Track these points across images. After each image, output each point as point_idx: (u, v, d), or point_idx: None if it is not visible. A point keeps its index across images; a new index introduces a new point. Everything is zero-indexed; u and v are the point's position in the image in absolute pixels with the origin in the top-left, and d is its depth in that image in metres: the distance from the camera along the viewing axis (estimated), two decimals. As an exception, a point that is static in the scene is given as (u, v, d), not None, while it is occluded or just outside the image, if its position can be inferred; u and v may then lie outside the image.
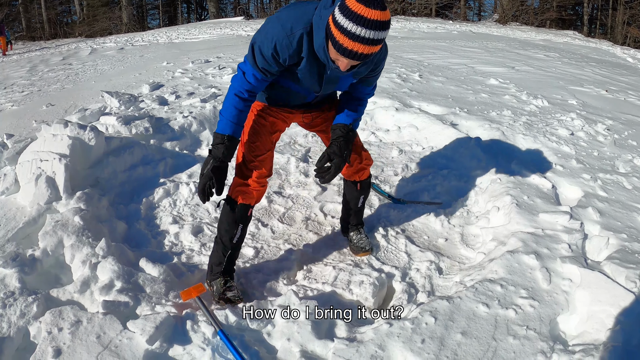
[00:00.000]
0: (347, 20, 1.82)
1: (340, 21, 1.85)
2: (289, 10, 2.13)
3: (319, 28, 2.03)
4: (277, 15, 2.14)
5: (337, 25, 1.86)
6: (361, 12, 1.80)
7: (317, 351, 2.16)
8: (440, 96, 6.44)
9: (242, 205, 2.54)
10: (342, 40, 1.87)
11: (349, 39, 1.86)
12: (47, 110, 6.27)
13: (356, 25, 1.82)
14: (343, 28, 1.85)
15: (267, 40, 2.11)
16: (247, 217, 2.60)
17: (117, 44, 16.63)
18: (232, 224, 2.55)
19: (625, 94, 7.75)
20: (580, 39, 21.11)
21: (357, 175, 2.90)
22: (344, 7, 1.84)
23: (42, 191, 3.12)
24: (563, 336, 2.27)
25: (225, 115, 2.28)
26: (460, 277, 2.76)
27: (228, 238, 2.57)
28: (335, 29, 1.88)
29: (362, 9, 1.80)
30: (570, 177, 3.86)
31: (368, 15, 1.81)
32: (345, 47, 1.89)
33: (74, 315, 2.15)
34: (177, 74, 8.11)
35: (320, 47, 2.06)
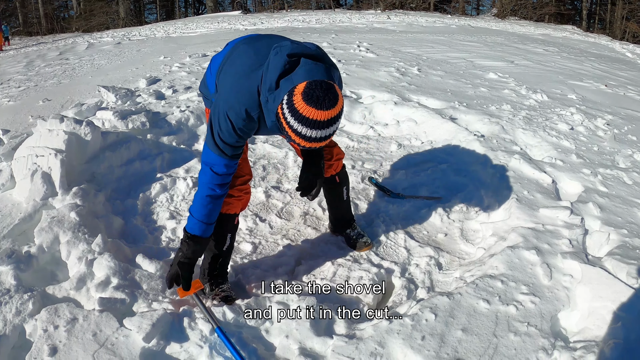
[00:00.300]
0: (298, 123, 1.77)
1: (291, 123, 1.79)
2: (235, 94, 2.05)
3: (268, 111, 1.98)
4: (225, 99, 2.07)
5: (288, 125, 1.81)
6: (310, 116, 1.75)
7: (316, 348, 2.13)
8: (439, 90, 6.41)
9: (227, 215, 2.49)
10: (295, 138, 1.83)
11: (300, 139, 1.82)
12: (43, 106, 6.23)
13: (306, 127, 1.77)
14: (295, 130, 1.80)
15: (230, 130, 2.07)
16: (234, 226, 2.57)
17: (114, 39, 16.54)
18: (219, 234, 2.50)
19: (625, 88, 7.73)
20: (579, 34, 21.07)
21: (332, 169, 2.84)
22: (293, 109, 1.77)
23: (38, 187, 3.09)
24: (564, 332, 2.25)
25: (196, 216, 2.24)
26: (460, 272, 2.73)
27: (218, 248, 2.54)
28: (286, 126, 1.82)
29: (312, 112, 1.74)
30: (571, 172, 3.84)
31: (318, 118, 1.75)
32: (300, 144, 1.86)
33: (70, 313, 2.12)
34: (174, 68, 8.07)
35: (275, 127, 2.04)
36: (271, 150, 4.39)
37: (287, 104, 1.78)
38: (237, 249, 3.00)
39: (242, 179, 2.50)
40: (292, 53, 1.88)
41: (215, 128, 2.10)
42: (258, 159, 4.25)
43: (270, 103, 1.91)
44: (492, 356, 2.02)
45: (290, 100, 1.76)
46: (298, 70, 1.84)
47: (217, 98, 2.14)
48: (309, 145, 1.84)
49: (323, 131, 1.79)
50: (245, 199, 2.55)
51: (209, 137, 2.15)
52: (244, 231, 3.18)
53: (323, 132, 1.80)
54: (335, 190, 2.96)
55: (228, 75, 2.15)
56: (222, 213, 2.46)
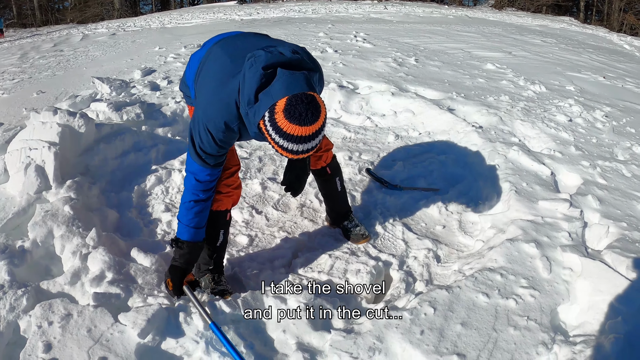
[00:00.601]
0: (283, 139, 1.79)
1: (276, 139, 1.80)
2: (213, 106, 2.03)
3: (249, 122, 1.96)
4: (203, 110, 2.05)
5: (274, 141, 1.82)
6: (293, 132, 1.76)
7: (314, 343, 2.11)
8: (436, 81, 6.37)
9: (219, 212, 2.46)
10: (280, 152, 1.84)
11: (286, 152, 1.83)
12: (37, 98, 6.17)
13: (291, 143, 1.79)
14: (280, 145, 1.81)
15: (210, 142, 2.06)
16: (226, 222, 2.54)
17: (109, 30, 16.40)
18: (212, 231, 2.47)
19: (623, 80, 7.70)
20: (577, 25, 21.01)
21: (322, 161, 2.81)
22: (276, 127, 1.77)
23: (32, 180, 3.05)
24: (563, 326, 2.24)
25: (183, 221, 2.25)
26: (459, 265, 2.71)
27: (211, 244, 2.51)
28: (270, 139, 1.84)
29: (295, 129, 1.75)
30: (569, 164, 3.81)
31: (300, 133, 1.76)
32: (284, 155, 1.86)
33: (64, 309, 2.09)
34: (170, 59, 8.00)
35: (259, 137, 2.06)
36: (267, 142, 4.34)
37: (269, 122, 1.79)
38: (233, 242, 2.97)
39: (230, 171, 2.45)
40: (267, 65, 1.85)
41: (196, 139, 2.09)
42: (254, 150, 4.21)
43: (251, 116, 1.90)
44: (491, 351, 2.00)
45: (272, 118, 1.77)
46: (275, 83, 1.82)
47: (196, 109, 2.12)
48: (296, 157, 1.86)
49: (308, 144, 1.81)
50: (236, 194, 2.51)
51: (191, 147, 2.14)
52: (239, 224, 3.15)
53: (308, 145, 1.82)
54: (328, 181, 2.93)
55: (204, 86, 2.13)
56: (212, 210, 2.43)
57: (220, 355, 1.99)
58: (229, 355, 2.00)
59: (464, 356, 1.97)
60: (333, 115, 5.09)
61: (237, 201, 2.55)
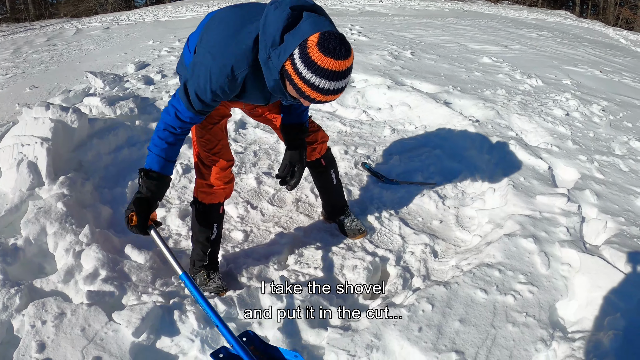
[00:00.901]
0: (313, 73, 1.66)
1: (304, 73, 1.67)
2: (221, 46, 1.86)
3: (269, 70, 1.81)
4: (209, 51, 1.87)
5: (301, 77, 1.68)
6: (327, 66, 1.64)
7: (311, 341, 2.09)
8: (432, 74, 6.34)
9: (211, 205, 2.43)
10: (309, 93, 1.71)
11: (316, 92, 1.70)
12: (30, 93, 6.11)
13: (323, 79, 1.66)
14: (307, 81, 1.68)
15: (207, 87, 1.89)
16: (219, 215, 2.51)
17: (103, 24, 16.25)
18: (206, 225, 2.45)
19: (620, 74, 7.68)
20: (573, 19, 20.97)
21: (317, 152, 2.77)
22: (308, 61, 1.65)
23: (24, 177, 3.00)
24: (562, 322, 2.23)
25: (154, 151, 2.05)
26: (457, 260, 2.69)
27: (205, 238, 2.48)
28: (299, 80, 1.70)
29: (330, 62, 1.64)
30: (567, 159, 3.80)
31: (335, 67, 1.65)
32: (313, 98, 1.73)
33: (58, 307, 2.06)
34: (164, 52, 7.92)
35: (276, 88, 1.87)
36: (262, 135, 4.31)
37: (300, 57, 1.66)
38: (228, 238, 2.94)
39: (221, 166, 2.40)
40: (293, 6, 1.74)
41: (192, 81, 1.93)
42: (249, 144, 4.17)
43: (274, 60, 1.75)
44: (490, 348, 1.99)
45: (305, 52, 1.64)
46: (302, 23, 1.71)
47: (200, 51, 1.93)
48: (324, 99, 1.73)
49: (340, 82, 1.69)
50: (229, 188, 2.48)
51: (182, 87, 1.98)
52: (234, 219, 3.12)
53: (339, 84, 1.70)
54: (323, 174, 2.90)
55: (213, 33, 1.93)
56: (205, 203, 2.40)
57: (216, 354, 1.96)
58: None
59: (462, 353, 1.95)
60: (328, 109, 5.05)
61: (230, 194, 2.52)
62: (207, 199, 2.40)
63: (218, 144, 2.40)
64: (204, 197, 2.42)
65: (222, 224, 2.58)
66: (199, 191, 2.43)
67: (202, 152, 2.38)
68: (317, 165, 2.84)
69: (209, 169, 2.39)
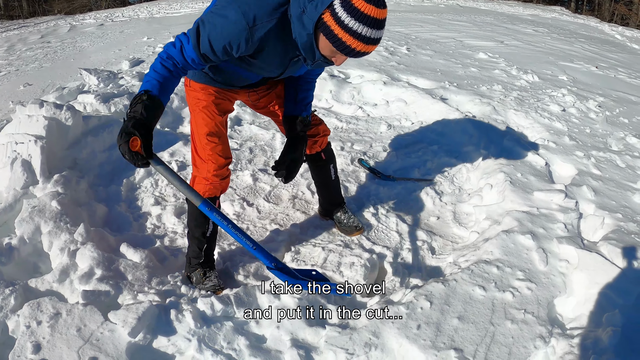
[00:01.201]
0: (356, 20, 1.67)
1: (346, 21, 1.67)
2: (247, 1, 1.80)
3: (302, 24, 1.80)
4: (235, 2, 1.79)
5: (343, 26, 1.68)
6: (371, 13, 1.66)
7: (309, 339, 2.07)
8: (428, 70, 6.32)
9: (208, 199, 2.41)
10: (350, 42, 1.71)
11: (358, 40, 1.71)
12: (24, 91, 6.06)
13: (366, 26, 1.67)
14: (352, 30, 1.68)
15: (222, 31, 1.81)
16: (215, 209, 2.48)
17: (97, 20, 16.16)
18: (201, 219, 2.42)
19: (615, 70, 7.69)
20: (568, 15, 20.97)
21: (317, 145, 2.76)
22: (352, 8, 1.66)
23: (18, 175, 2.97)
24: (560, 319, 2.22)
25: (153, 76, 1.91)
26: (454, 257, 2.68)
27: (201, 233, 2.46)
28: (340, 29, 1.70)
29: (372, 9, 1.65)
30: (564, 155, 3.79)
31: (377, 15, 1.67)
32: (353, 48, 1.73)
33: (53, 307, 2.04)
34: (158, 49, 7.88)
35: (307, 44, 1.86)
36: (258, 132, 4.29)
37: (342, 5, 1.67)
38: (225, 235, 2.92)
39: (219, 162, 2.37)
40: None
41: (208, 24, 1.84)
42: (244, 141, 4.15)
43: (310, 12, 1.75)
44: (489, 345, 1.98)
45: (347, 1, 1.66)
46: None
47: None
48: (365, 49, 1.74)
49: (379, 31, 1.72)
50: (225, 183, 2.46)
51: (195, 25, 1.88)
52: (231, 216, 3.10)
53: (379, 33, 1.73)
54: (322, 168, 2.88)
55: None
56: (201, 196, 2.38)
57: (213, 353, 1.95)
58: (222, 352, 1.97)
59: (461, 351, 1.94)
60: (324, 105, 5.03)
61: (226, 190, 2.49)
62: (203, 192, 2.38)
63: (218, 139, 2.38)
64: (199, 190, 2.40)
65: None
66: (195, 185, 2.41)
67: (200, 146, 2.36)
68: (316, 158, 2.82)
69: (207, 164, 2.37)
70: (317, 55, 1.88)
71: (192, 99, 2.36)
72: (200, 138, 2.35)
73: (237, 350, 1.99)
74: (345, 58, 1.84)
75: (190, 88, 2.35)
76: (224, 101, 2.41)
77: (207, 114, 2.33)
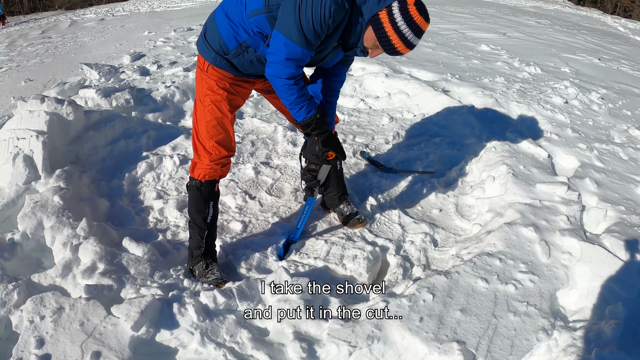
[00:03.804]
0: (407, 26, 1.97)
1: (400, 25, 1.97)
2: None
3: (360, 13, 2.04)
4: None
5: (395, 27, 1.97)
6: (420, 24, 1.97)
7: (311, 332, 2.07)
8: (430, 62, 6.30)
9: (208, 182, 2.43)
10: (395, 42, 2.00)
11: (402, 42, 2.00)
12: (25, 86, 6.07)
13: (413, 33, 1.98)
14: (401, 32, 1.98)
15: (323, 12, 1.96)
16: (215, 193, 2.50)
17: (98, 15, 16.13)
18: (202, 203, 2.45)
19: (618, 62, 7.64)
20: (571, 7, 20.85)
21: None
22: (406, 12, 1.95)
23: (20, 171, 2.98)
24: (563, 312, 2.22)
25: (302, 112, 2.27)
26: (457, 249, 2.68)
27: (201, 219, 2.47)
28: (391, 29, 1.98)
29: (422, 21, 1.97)
30: (566, 147, 3.78)
31: (423, 27, 1.99)
32: (395, 47, 2.02)
33: (56, 302, 2.04)
34: (159, 43, 7.86)
35: (358, 31, 2.10)
36: (260, 125, 4.28)
37: (400, 10, 1.96)
38: (227, 229, 2.92)
39: (224, 154, 2.42)
40: None
41: (304, 16, 1.98)
42: (246, 134, 4.14)
43: (371, 5, 2.01)
44: (491, 337, 1.98)
45: (405, 8, 1.96)
46: None
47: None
48: (404, 50, 2.03)
49: (419, 39, 2.04)
50: (226, 169, 2.50)
51: (293, 28, 2.01)
52: (233, 209, 3.10)
53: (418, 41, 2.04)
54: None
55: None
56: (201, 180, 2.41)
57: (215, 346, 1.95)
58: (224, 346, 1.97)
59: (464, 343, 1.94)
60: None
61: (225, 175, 2.52)
62: (203, 176, 2.42)
63: (224, 133, 2.40)
64: (199, 173, 2.42)
65: (218, 204, 2.57)
66: (196, 169, 2.44)
67: (206, 137, 2.38)
68: None
69: (210, 155, 2.39)
70: (360, 42, 2.14)
71: (205, 88, 2.36)
72: (208, 129, 2.36)
73: (240, 343, 2.00)
74: (380, 52, 2.12)
75: (206, 74, 2.35)
76: (236, 97, 2.44)
77: (218, 107, 2.36)
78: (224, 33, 2.21)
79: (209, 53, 2.29)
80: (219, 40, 2.23)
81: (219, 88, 2.34)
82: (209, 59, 2.31)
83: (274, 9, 2.07)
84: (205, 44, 2.31)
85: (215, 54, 2.27)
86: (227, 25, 2.19)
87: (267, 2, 2.09)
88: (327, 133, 2.37)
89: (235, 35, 2.19)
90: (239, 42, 2.20)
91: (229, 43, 2.21)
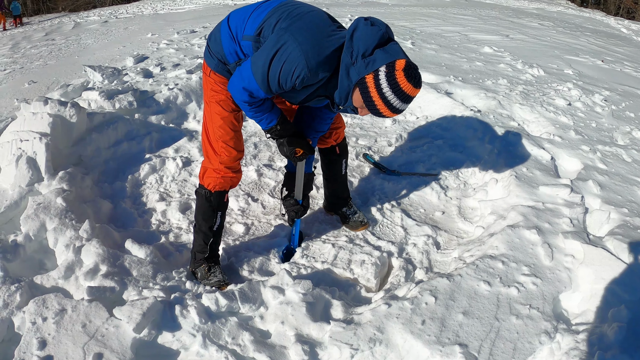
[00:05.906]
0: (393, 93, 1.87)
1: (385, 89, 1.88)
2: (313, 45, 1.92)
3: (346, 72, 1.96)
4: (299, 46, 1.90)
5: (381, 94, 1.89)
6: (407, 91, 1.88)
7: (313, 335, 2.07)
8: (433, 64, 6.29)
9: (217, 192, 2.42)
10: (380, 107, 1.92)
11: (387, 108, 1.92)
12: (29, 88, 6.08)
13: (399, 100, 1.89)
14: (386, 99, 1.89)
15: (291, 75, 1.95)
16: (223, 203, 2.49)
17: (101, 17, 16.20)
18: (210, 212, 2.44)
19: (621, 64, 7.63)
20: (574, 9, 20.85)
21: (333, 138, 2.76)
22: (394, 82, 1.86)
23: (23, 172, 2.98)
24: (565, 314, 2.21)
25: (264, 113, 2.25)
26: (459, 252, 2.68)
27: (207, 227, 2.47)
28: (376, 94, 1.90)
29: (409, 88, 1.87)
30: (569, 149, 3.77)
31: (411, 94, 1.89)
32: (380, 112, 1.95)
33: (59, 304, 2.05)
34: (162, 45, 7.88)
35: (343, 94, 2.05)
36: (262, 128, 4.28)
37: (386, 76, 1.87)
38: (229, 231, 2.92)
39: (231, 155, 2.39)
40: (386, 32, 1.95)
41: (275, 63, 1.95)
42: (249, 136, 4.15)
43: (359, 67, 1.92)
44: (494, 340, 1.97)
45: (392, 74, 1.86)
46: (393, 46, 1.93)
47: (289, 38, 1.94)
48: (389, 115, 1.97)
49: (407, 105, 1.94)
50: (236, 178, 2.47)
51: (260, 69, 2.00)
52: (235, 212, 3.10)
53: (406, 106, 1.95)
54: (334, 163, 2.88)
55: (302, 30, 1.96)
56: (211, 190, 2.40)
57: (217, 349, 1.95)
58: (226, 348, 1.97)
59: (466, 346, 1.93)
60: (329, 102, 5.02)
61: (236, 185, 2.51)
62: (213, 186, 2.40)
63: (233, 133, 2.39)
64: (210, 183, 2.41)
65: (225, 215, 2.56)
66: (206, 177, 2.42)
67: (214, 138, 2.38)
68: (330, 152, 2.83)
69: (219, 156, 2.38)
70: (348, 102, 2.07)
71: (209, 90, 2.37)
72: (215, 130, 2.36)
73: (242, 345, 2.00)
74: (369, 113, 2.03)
75: (210, 78, 2.36)
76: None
77: (223, 106, 2.35)
78: (226, 46, 2.22)
79: (212, 60, 2.31)
80: (220, 51, 2.25)
81: (223, 89, 2.35)
82: (211, 66, 2.33)
83: (262, 41, 2.07)
84: (209, 51, 2.32)
85: (217, 61, 2.29)
86: (229, 38, 2.20)
87: (259, 32, 2.09)
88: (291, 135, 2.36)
89: (236, 50, 2.20)
90: (239, 58, 2.21)
91: (229, 57, 2.22)
